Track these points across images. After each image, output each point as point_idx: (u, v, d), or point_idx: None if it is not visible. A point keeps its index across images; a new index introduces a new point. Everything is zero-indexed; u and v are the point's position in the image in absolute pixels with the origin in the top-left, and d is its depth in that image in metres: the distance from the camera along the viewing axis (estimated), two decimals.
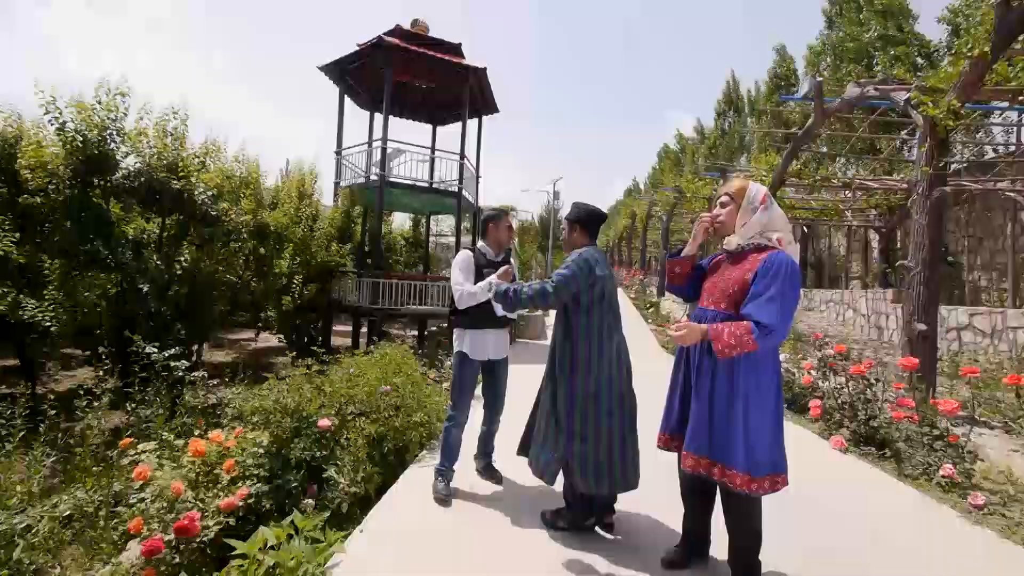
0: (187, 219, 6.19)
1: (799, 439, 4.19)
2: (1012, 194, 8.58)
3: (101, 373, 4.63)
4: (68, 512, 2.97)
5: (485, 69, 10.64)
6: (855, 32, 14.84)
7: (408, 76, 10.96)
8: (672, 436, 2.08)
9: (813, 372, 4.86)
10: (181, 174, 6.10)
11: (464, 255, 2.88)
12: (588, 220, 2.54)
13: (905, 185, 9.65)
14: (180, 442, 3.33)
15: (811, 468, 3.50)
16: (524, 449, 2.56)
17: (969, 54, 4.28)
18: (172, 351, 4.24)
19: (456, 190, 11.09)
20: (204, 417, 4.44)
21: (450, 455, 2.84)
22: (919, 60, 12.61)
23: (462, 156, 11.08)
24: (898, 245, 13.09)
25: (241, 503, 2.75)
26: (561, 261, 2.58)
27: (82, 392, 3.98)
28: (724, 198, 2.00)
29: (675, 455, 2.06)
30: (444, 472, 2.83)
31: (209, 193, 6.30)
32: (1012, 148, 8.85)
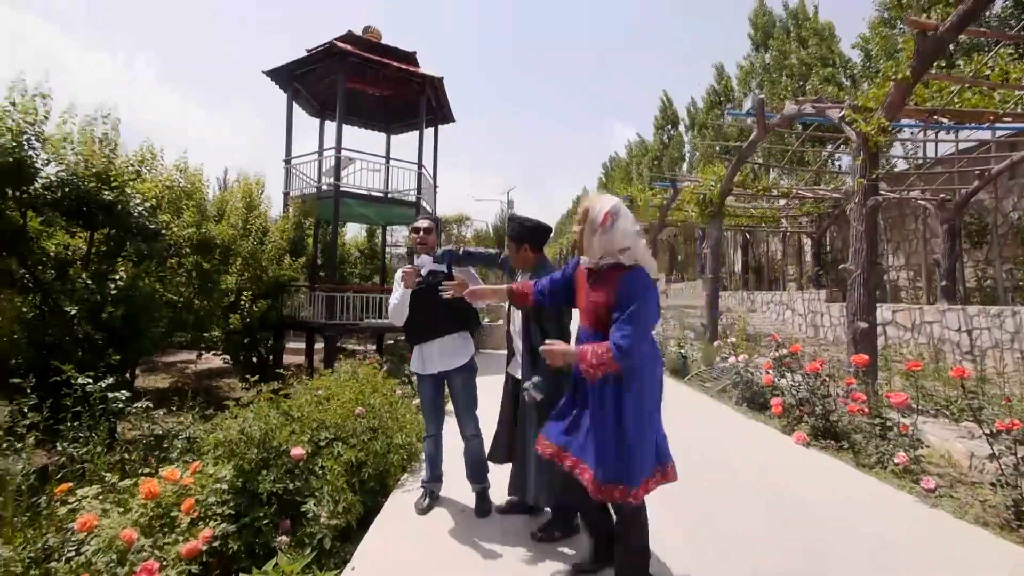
0: (122, 233, 5.61)
1: (763, 435, 4.41)
2: (923, 202, 9.60)
3: (16, 408, 4.06)
4: None
5: (442, 79, 10.56)
6: (786, 52, 16.14)
7: (361, 84, 10.69)
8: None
9: (771, 371, 5.14)
10: (114, 184, 5.53)
11: (401, 268, 2.90)
12: (532, 236, 2.53)
13: (835, 194, 10.53)
14: (126, 483, 2.98)
15: (777, 462, 3.69)
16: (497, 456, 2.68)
17: (894, 77, 4.74)
18: (108, 380, 3.81)
19: (414, 200, 10.88)
20: (148, 452, 4.02)
21: (428, 467, 2.91)
22: (844, 81, 13.87)
23: (420, 165, 10.90)
24: (828, 249, 14.25)
25: (205, 547, 2.49)
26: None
27: (1, 432, 3.46)
28: (579, 216, 1.97)
29: None
30: (425, 485, 2.92)
31: (147, 205, 5.75)
32: (920, 161, 9.91)
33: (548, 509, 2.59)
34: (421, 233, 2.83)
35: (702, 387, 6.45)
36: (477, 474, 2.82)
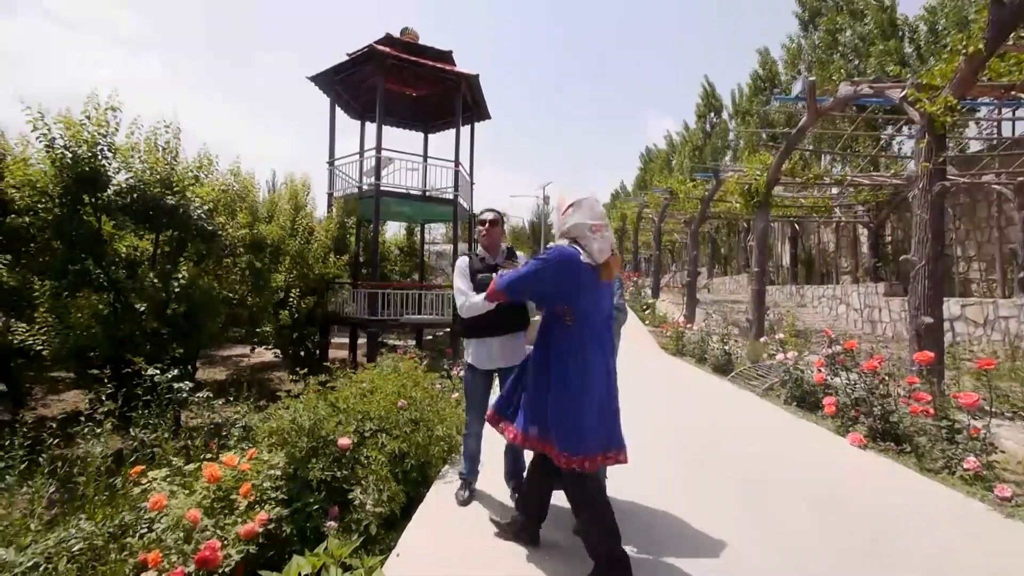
0: (183, 235, 6.03)
1: (815, 436, 4.20)
2: (997, 186, 8.81)
3: (94, 396, 4.45)
4: (79, 547, 2.82)
5: (477, 76, 10.61)
6: (838, 29, 15.12)
7: (400, 84, 10.91)
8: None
9: (824, 369, 4.88)
10: (176, 189, 5.95)
11: (462, 261, 2.76)
12: None
13: (896, 180, 9.83)
14: (190, 467, 3.20)
15: (833, 463, 3.51)
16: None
17: (964, 52, 4.36)
18: (173, 372, 4.10)
19: (451, 197, 11.02)
20: (209, 438, 4.30)
21: (467, 463, 2.92)
22: (908, 49, 12.83)
23: (457, 163, 11.02)
24: (887, 239, 13.34)
25: (261, 529, 2.64)
26: None
27: (83, 418, 3.80)
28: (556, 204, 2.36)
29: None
30: (464, 478, 2.94)
31: (205, 208, 6.16)
32: (995, 142, 9.08)
33: None
34: (487, 226, 2.76)
35: (747, 385, 6.21)
36: (520, 469, 2.80)
